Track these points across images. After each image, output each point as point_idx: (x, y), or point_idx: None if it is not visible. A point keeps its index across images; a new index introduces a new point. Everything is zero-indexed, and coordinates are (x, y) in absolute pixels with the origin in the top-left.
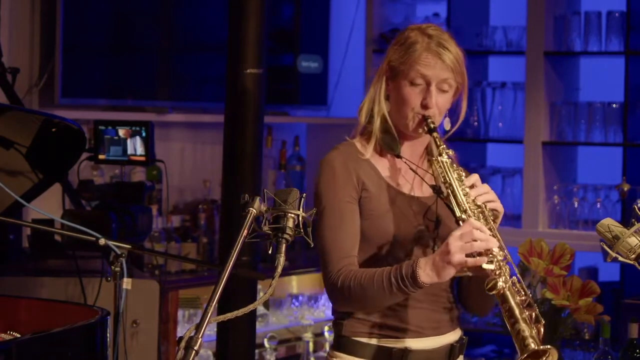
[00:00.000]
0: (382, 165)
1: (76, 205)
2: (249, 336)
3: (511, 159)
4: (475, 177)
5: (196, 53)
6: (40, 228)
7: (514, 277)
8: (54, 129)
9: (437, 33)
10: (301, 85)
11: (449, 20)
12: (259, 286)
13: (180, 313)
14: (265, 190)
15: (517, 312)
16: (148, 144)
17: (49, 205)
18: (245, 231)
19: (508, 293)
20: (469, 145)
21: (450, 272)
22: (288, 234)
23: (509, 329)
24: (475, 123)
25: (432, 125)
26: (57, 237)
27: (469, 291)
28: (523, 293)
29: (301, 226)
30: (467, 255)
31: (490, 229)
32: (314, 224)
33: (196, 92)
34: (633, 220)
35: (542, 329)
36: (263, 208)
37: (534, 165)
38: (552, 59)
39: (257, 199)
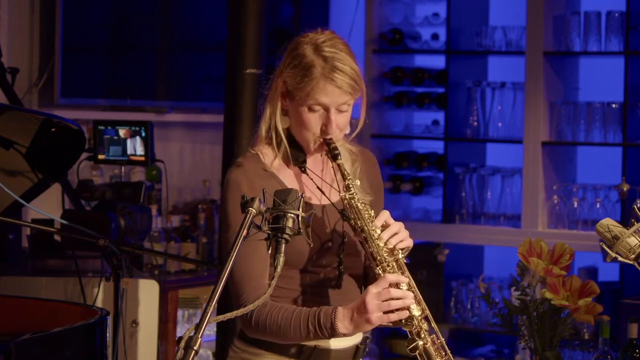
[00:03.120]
0: (289, 177)
1: (76, 205)
2: None
3: (510, 159)
4: (385, 216)
5: (195, 53)
6: (40, 228)
7: (433, 335)
8: (53, 129)
9: (332, 53)
10: None
11: (448, 20)
12: None
13: (179, 313)
14: (264, 190)
15: None
16: (148, 143)
17: (48, 205)
18: (245, 231)
19: (430, 353)
20: (469, 145)
21: (368, 328)
22: (287, 233)
23: None
24: (475, 123)
25: (335, 152)
26: (57, 237)
27: None
28: (444, 353)
29: (300, 226)
30: (385, 313)
31: (406, 279)
32: (222, 246)
33: (195, 92)
34: (632, 220)
35: None
36: (262, 208)
37: (533, 165)
38: (551, 58)
39: (257, 199)
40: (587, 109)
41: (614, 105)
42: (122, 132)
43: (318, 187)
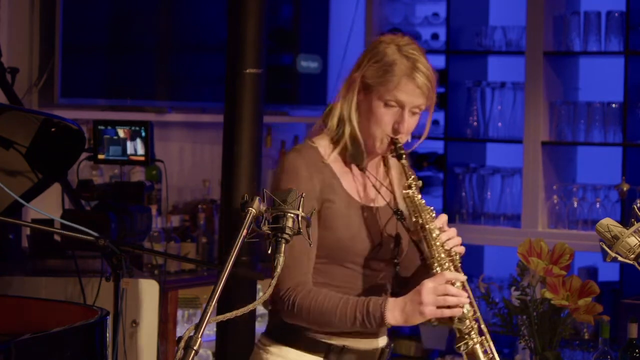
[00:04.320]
0: (344, 174)
1: (76, 205)
2: (249, 336)
3: (510, 159)
4: (444, 219)
5: (195, 53)
6: (40, 228)
7: (482, 337)
8: (53, 129)
9: (414, 55)
10: (300, 85)
11: (448, 20)
12: (259, 286)
13: (179, 313)
14: (264, 190)
15: None
16: (148, 143)
17: (48, 205)
18: (245, 231)
19: (478, 354)
20: (469, 145)
21: (419, 320)
22: (287, 233)
23: None
24: (475, 123)
25: (401, 152)
26: (57, 237)
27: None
28: (490, 353)
29: (300, 226)
30: (439, 308)
31: (463, 277)
32: None
33: (195, 92)
34: (632, 220)
35: None
36: (262, 208)
37: (533, 165)
38: (551, 58)
39: (257, 199)
40: (587, 109)
41: (614, 105)
42: (122, 132)
43: (374, 186)
